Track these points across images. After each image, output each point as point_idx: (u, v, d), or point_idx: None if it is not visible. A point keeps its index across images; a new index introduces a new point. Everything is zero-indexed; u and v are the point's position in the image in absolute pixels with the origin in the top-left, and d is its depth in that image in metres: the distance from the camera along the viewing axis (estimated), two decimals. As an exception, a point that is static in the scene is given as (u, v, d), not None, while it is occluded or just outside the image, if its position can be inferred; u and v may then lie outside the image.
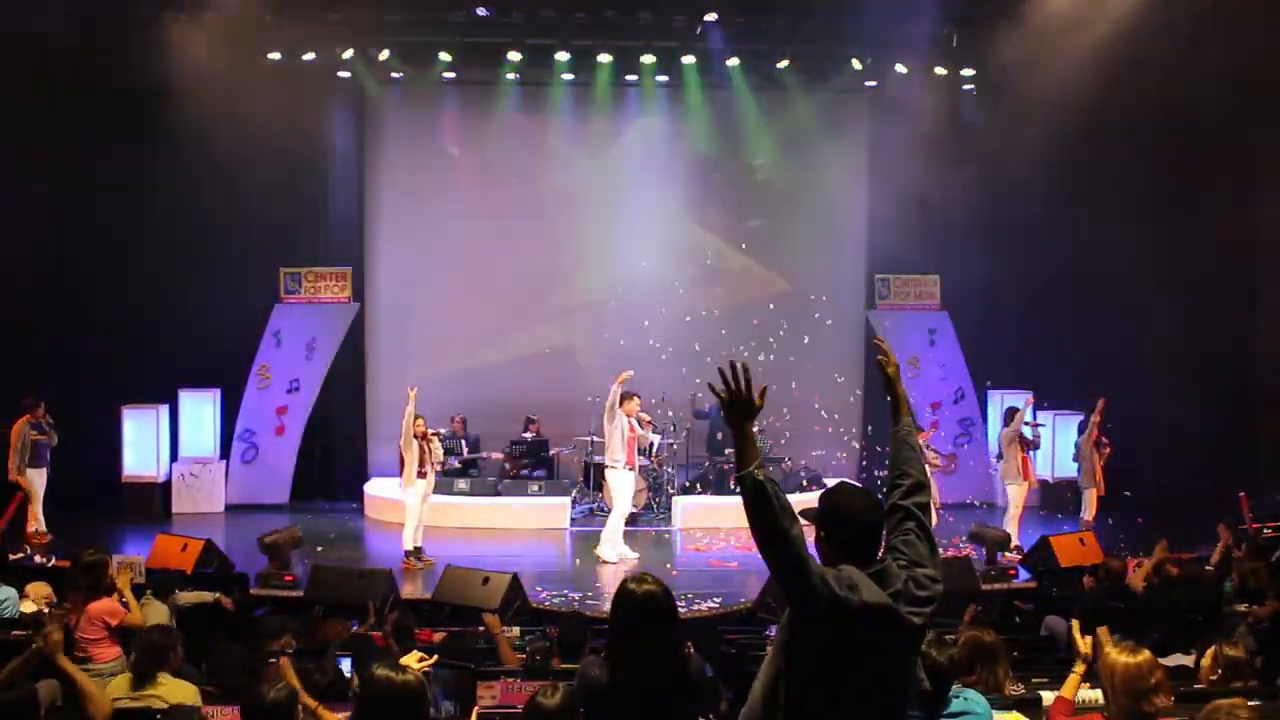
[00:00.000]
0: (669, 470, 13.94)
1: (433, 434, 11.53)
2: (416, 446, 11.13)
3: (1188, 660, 6.21)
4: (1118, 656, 4.01)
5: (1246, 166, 13.21)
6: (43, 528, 11.41)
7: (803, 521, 3.08)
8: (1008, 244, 14.18)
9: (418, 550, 11.24)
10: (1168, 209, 13.28)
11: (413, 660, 3.87)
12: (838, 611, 2.96)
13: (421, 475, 11.18)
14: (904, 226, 14.27)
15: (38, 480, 11.64)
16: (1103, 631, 5.16)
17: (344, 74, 14.12)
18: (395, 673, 3.53)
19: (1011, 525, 11.60)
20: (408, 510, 11.28)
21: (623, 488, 11.51)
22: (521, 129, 14.96)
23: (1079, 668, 4.92)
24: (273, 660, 6.31)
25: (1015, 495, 11.80)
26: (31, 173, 12.84)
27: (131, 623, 6.56)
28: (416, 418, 11.12)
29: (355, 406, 15.01)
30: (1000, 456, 12.07)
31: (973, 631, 5.06)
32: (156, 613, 7.08)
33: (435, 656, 4.36)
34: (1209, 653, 5.38)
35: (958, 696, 4.23)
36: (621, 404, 11.32)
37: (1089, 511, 12.08)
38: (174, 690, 5.33)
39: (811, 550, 3.03)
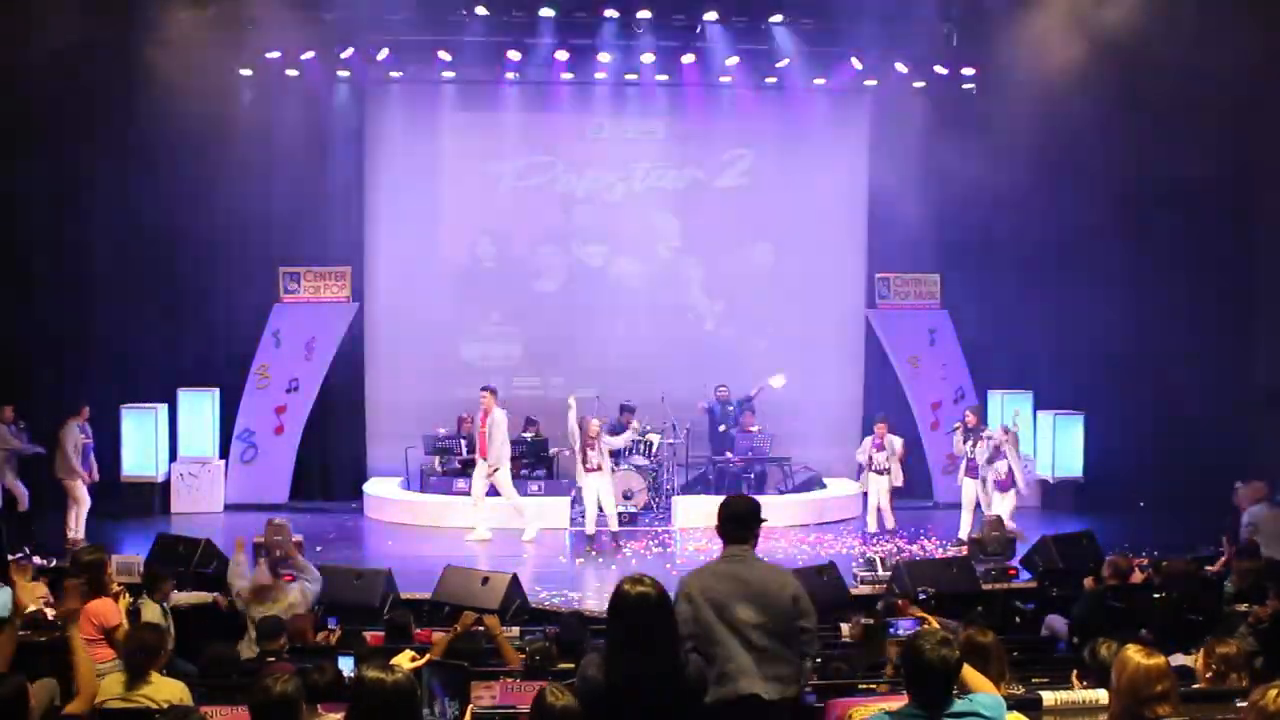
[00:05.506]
0: (669, 470, 13.90)
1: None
2: (580, 440, 11.84)
3: (1188, 660, 6.18)
4: (1131, 656, 3.97)
5: (1249, 168, 13.17)
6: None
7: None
8: (1008, 243, 14.15)
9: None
10: (1171, 209, 13.24)
11: (404, 660, 3.85)
12: None
13: (592, 469, 11.89)
14: (904, 226, 14.25)
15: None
16: None
17: (344, 73, 14.11)
18: (385, 673, 3.51)
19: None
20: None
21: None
22: (521, 128, 14.94)
23: None
24: (270, 659, 6.31)
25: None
26: (31, 172, 12.85)
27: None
28: (595, 418, 12.06)
29: (355, 406, 14.96)
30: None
31: (969, 631, 5.02)
32: (151, 612, 7.07)
33: (427, 656, 4.33)
34: (1201, 652, 5.35)
35: (963, 698, 4.17)
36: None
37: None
38: (163, 688, 5.32)
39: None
